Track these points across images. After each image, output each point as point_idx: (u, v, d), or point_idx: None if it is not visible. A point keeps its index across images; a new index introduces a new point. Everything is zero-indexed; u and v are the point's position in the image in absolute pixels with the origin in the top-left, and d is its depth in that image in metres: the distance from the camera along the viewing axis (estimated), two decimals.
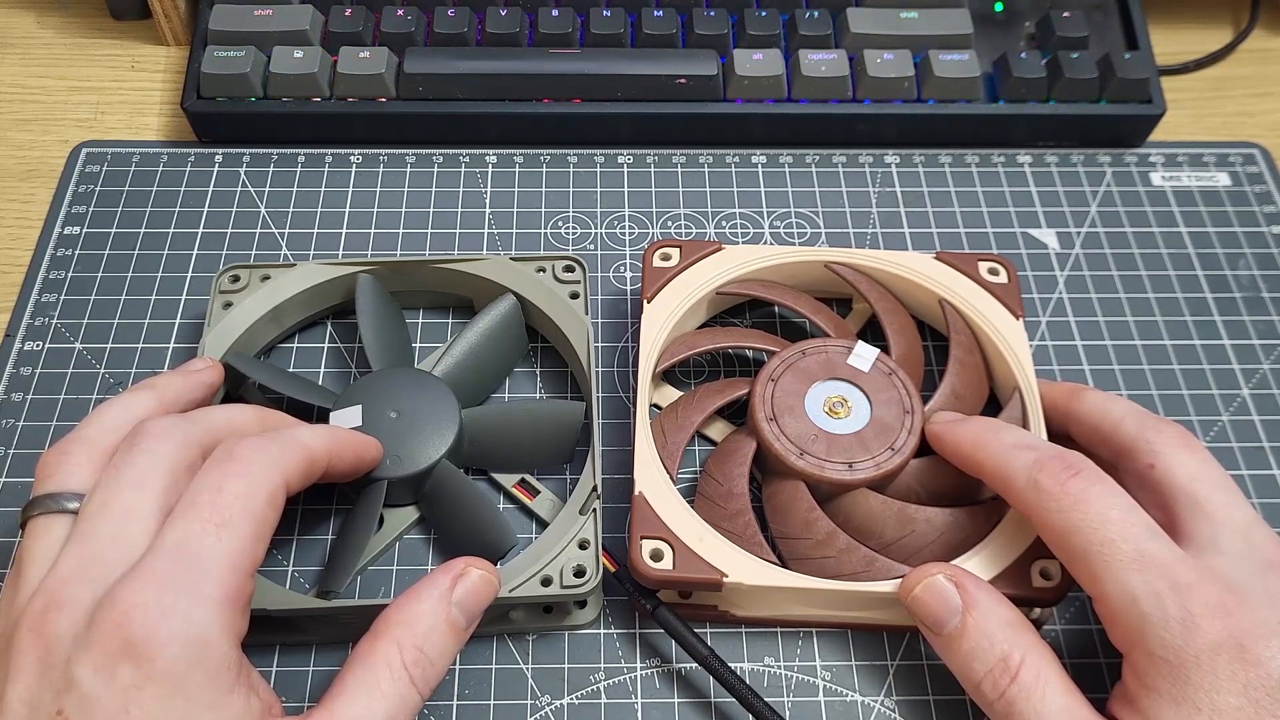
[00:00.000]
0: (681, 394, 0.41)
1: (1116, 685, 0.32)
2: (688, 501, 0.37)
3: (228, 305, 0.41)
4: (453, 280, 0.43)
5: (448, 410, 0.39)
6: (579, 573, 0.35)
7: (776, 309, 0.45)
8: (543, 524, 0.39)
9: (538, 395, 0.43)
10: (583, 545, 0.36)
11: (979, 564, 0.35)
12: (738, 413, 0.42)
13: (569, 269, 0.42)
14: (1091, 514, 0.31)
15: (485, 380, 0.42)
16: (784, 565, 0.36)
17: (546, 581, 0.35)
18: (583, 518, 0.36)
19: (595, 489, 0.37)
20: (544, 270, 0.42)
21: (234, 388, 0.40)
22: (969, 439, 0.36)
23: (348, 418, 0.38)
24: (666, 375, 0.43)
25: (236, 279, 0.42)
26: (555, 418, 0.40)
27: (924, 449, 0.38)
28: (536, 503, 0.40)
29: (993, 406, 0.41)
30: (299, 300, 0.42)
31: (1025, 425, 0.38)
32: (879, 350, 0.40)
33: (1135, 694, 0.30)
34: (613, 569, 0.36)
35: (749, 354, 0.44)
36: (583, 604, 0.38)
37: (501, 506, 0.40)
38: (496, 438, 0.40)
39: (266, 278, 0.42)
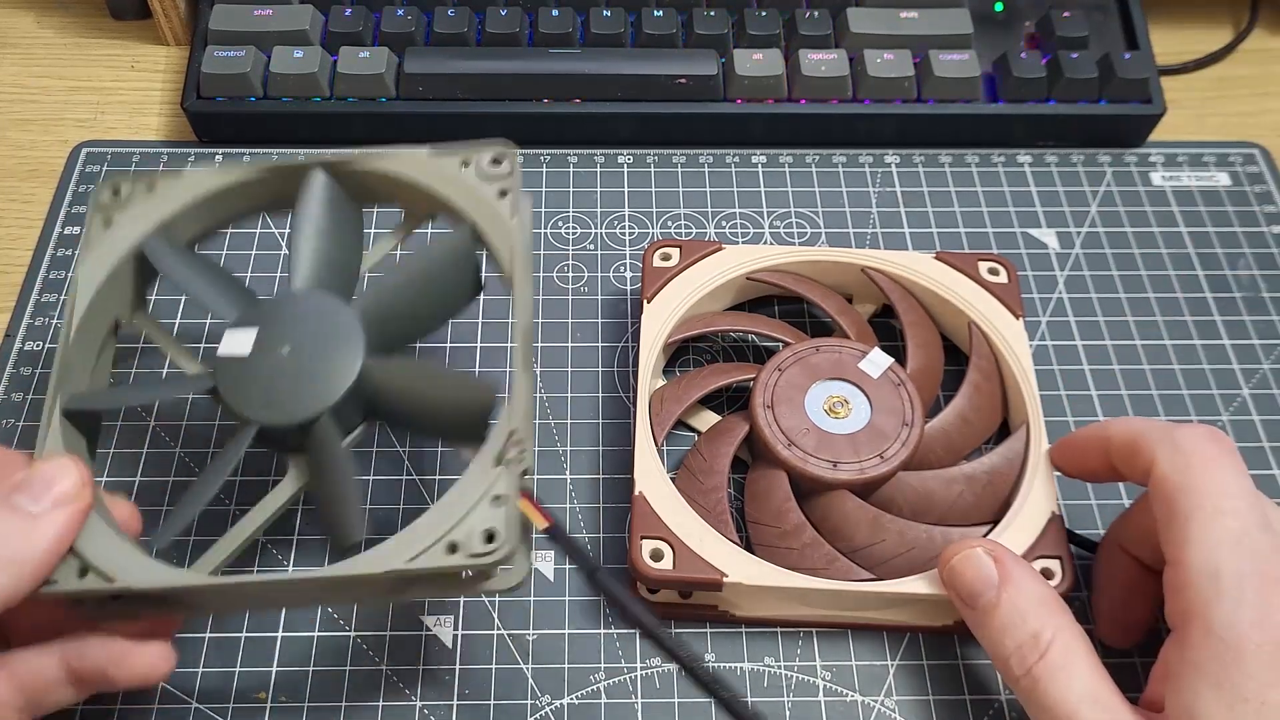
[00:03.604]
0: (689, 370, 0.41)
1: (1155, 666, 0.31)
2: (672, 477, 0.37)
3: (108, 223, 0.36)
4: (366, 182, 0.37)
5: (348, 358, 0.33)
6: (490, 537, 0.29)
7: (806, 306, 0.45)
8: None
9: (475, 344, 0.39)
10: (497, 502, 0.30)
11: None
12: (743, 407, 0.42)
13: (496, 161, 0.36)
14: (1215, 481, 0.31)
15: (419, 324, 0.36)
16: (748, 549, 0.36)
17: (453, 548, 0.30)
18: (497, 469, 0.30)
19: (513, 432, 0.31)
20: (467, 164, 0.36)
21: (136, 296, 0.37)
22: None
23: (239, 341, 0.33)
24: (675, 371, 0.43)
25: (117, 192, 0.36)
26: (460, 397, 0.33)
27: (914, 465, 0.38)
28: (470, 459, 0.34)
29: (1003, 435, 0.41)
30: (193, 213, 0.37)
31: (1026, 457, 0.38)
32: (893, 360, 0.40)
33: (1177, 670, 0.29)
34: (545, 524, 0.30)
35: (768, 346, 0.44)
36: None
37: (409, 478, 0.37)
38: (395, 402, 0.34)
39: (152, 187, 0.36)
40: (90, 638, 0.31)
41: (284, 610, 0.37)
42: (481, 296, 0.39)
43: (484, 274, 0.36)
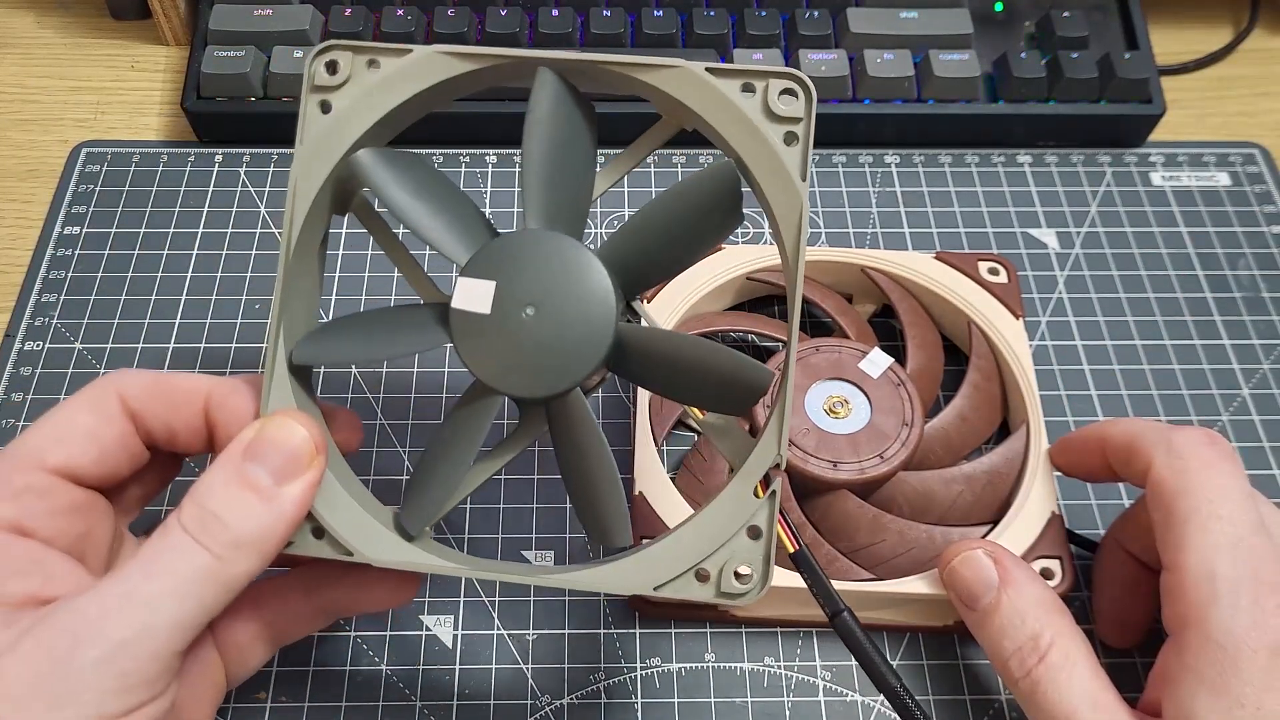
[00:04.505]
0: None
1: (1152, 671, 0.31)
2: (672, 477, 0.37)
3: (324, 107, 0.31)
4: (628, 87, 0.32)
5: (601, 325, 0.29)
6: (743, 574, 0.28)
7: (806, 306, 0.45)
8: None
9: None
10: (754, 534, 0.28)
11: None
12: None
13: (789, 92, 0.30)
14: (1213, 485, 0.31)
15: (668, 270, 0.31)
16: None
17: (702, 576, 0.28)
18: (759, 501, 0.28)
19: (780, 459, 0.28)
20: (751, 90, 0.30)
21: (344, 197, 0.32)
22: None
23: (477, 295, 0.29)
24: None
25: (333, 66, 0.31)
26: (731, 376, 0.29)
27: (914, 465, 0.38)
28: (709, 423, 0.31)
29: (1003, 435, 0.41)
30: (419, 101, 0.31)
31: (1026, 457, 0.38)
32: (893, 360, 0.40)
33: (1174, 675, 0.29)
34: (792, 548, 0.29)
35: (768, 346, 0.45)
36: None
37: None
38: (651, 372, 0.30)
39: (374, 64, 0.31)
40: (332, 570, 0.31)
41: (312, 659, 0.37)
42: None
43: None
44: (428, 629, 0.38)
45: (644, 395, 0.39)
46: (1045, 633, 0.31)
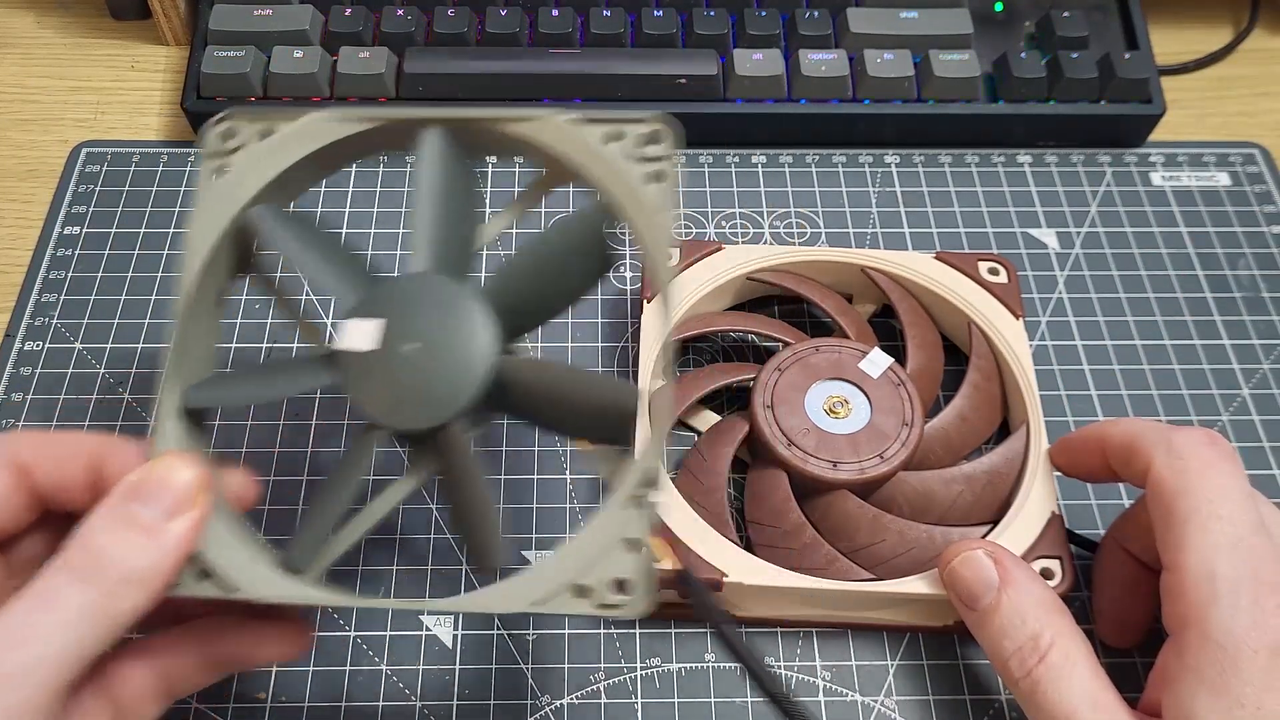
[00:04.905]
0: (689, 370, 0.41)
1: (1152, 671, 0.31)
2: (672, 477, 0.37)
3: (221, 172, 0.33)
4: (500, 145, 0.34)
5: (481, 357, 0.30)
6: (622, 585, 0.28)
7: (806, 306, 0.45)
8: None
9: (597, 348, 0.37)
10: (632, 547, 0.28)
11: None
12: (743, 407, 0.42)
13: (653, 139, 0.31)
14: (1212, 485, 0.31)
15: (546, 310, 0.33)
16: (748, 549, 0.36)
17: (581, 592, 0.28)
18: (632, 511, 0.28)
19: (648, 473, 0.29)
20: (619, 139, 0.32)
21: (242, 254, 0.34)
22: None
23: (363, 334, 0.31)
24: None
25: (230, 135, 0.33)
26: (607, 402, 0.31)
27: (914, 465, 0.38)
28: (591, 454, 0.32)
29: (1003, 435, 0.41)
30: (310, 163, 0.33)
31: (1026, 457, 0.38)
32: (893, 360, 0.40)
33: (1175, 675, 0.29)
34: (676, 563, 0.30)
35: (768, 346, 0.45)
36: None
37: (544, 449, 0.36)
38: (531, 403, 0.32)
39: (268, 132, 0.33)
40: (226, 622, 0.31)
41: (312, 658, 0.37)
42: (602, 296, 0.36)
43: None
44: (428, 629, 0.37)
45: (644, 396, 0.39)
46: (1045, 633, 0.31)
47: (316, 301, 0.43)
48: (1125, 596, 0.36)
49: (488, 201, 0.38)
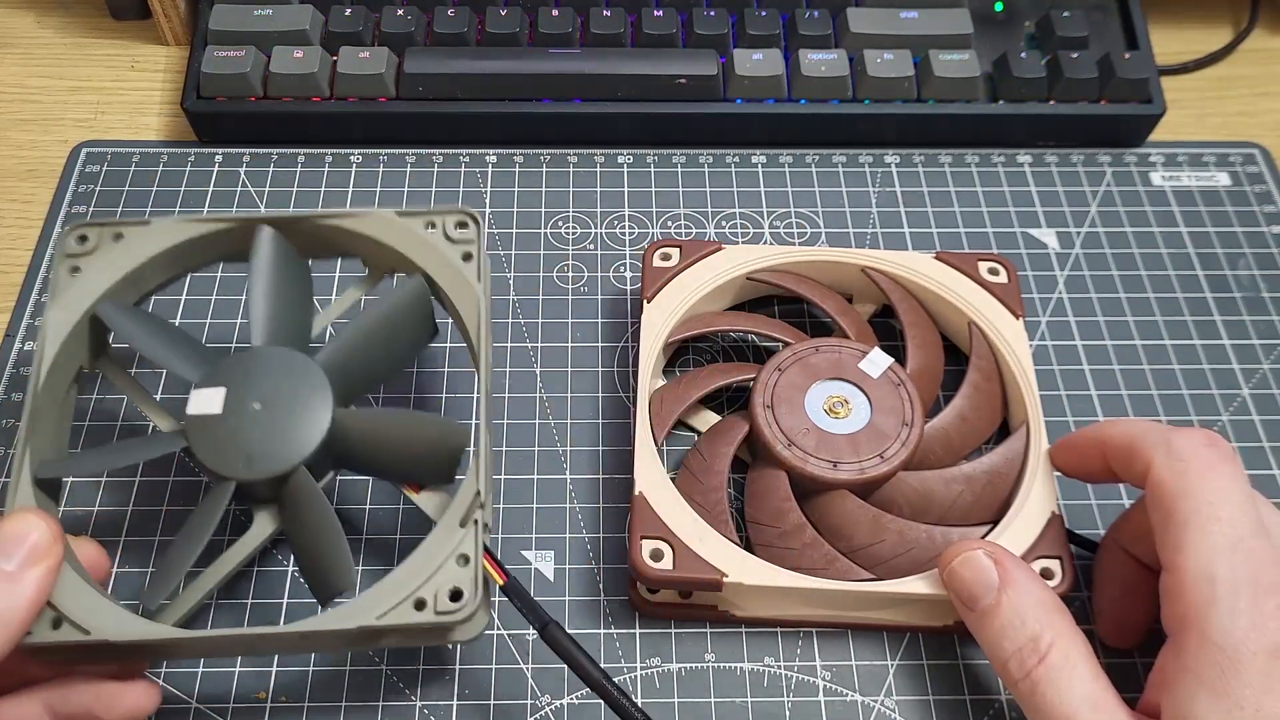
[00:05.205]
0: (689, 370, 0.41)
1: (1151, 672, 0.31)
2: (672, 477, 0.37)
3: (75, 270, 0.36)
4: (333, 238, 0.38)
5: (318, 410, 0.34)
6: (455, 595, 0.31)
7: (806, 306, 0.45)
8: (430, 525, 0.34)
9: (440, 392, 0.40)
10: (462, 561, 0.32)
11: None
12: (743, 407, 0.42)
13: (462, 225, 0.37)
14: (1212, 487, 0.31)
15: (378, 372, 0.37)
16: (748, 549, 0.36)
17: (420, 605, 0.31)
18: (463, 530, 0.32)
19: (478, 494, 0.32)
20: (433, 226, 0.37)
21: (100, 342, 0.37)
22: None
23: (208, 400, 0.34)
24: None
25: (84, 239, 0.37)
26: (436, 438, 0.35)
27: (914, 465, 0.38)
28: (424, 499, 0.35)
29: (1003, 435, 0.41)
30: (158, 263, 0.37)
31: (1026, 457, 0.38)
32: (893, 360, 0.40)
33: (1174, 676, 0.29)
34: (501, 581, 0.33)
35: (768, 346, 0.45)
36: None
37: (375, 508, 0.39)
38: (366, 449, 0.35)
39: (119, 236, 0.37)
40: (73, 683, 0.32)
41: (312, 658, 0.37)
42: (447, 348, 0.40)
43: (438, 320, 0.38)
44: None
45: (643, 396, 0.39)
46: (1045, 634, 0.31)
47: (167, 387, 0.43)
48: (1125, 597, 0.36)
49: (333, 295, 0.43)
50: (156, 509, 0.39)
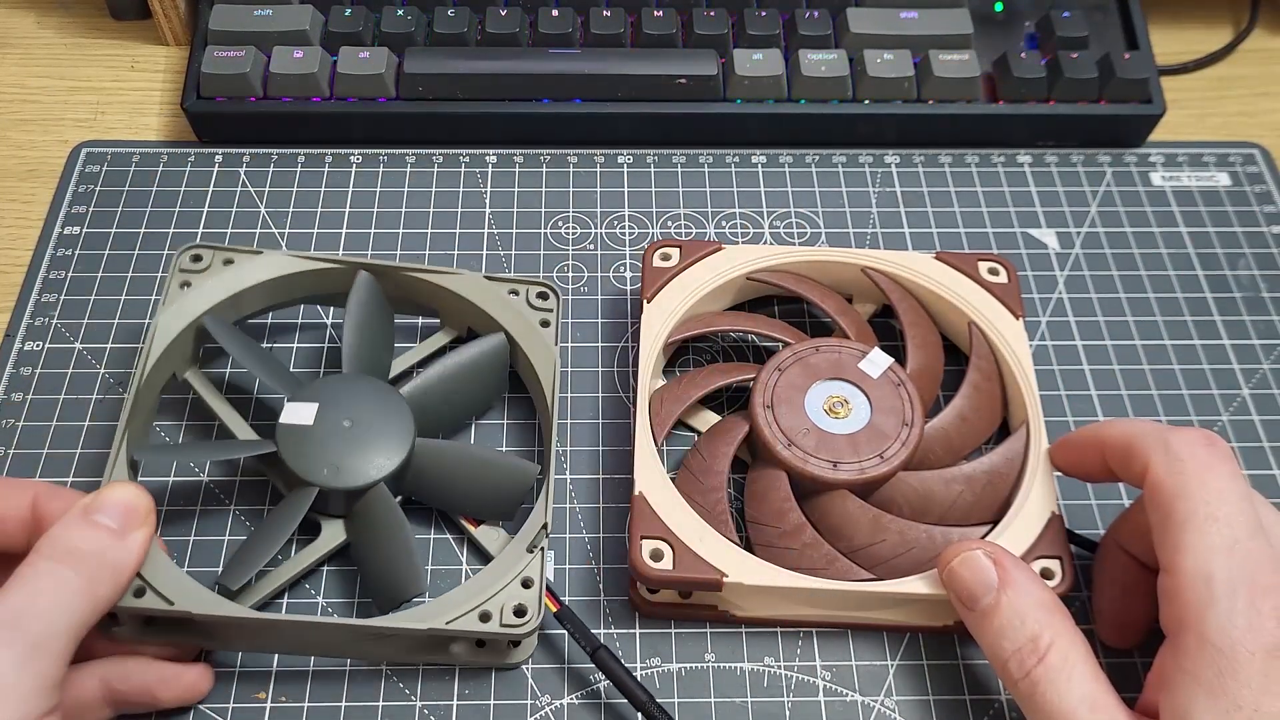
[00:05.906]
0: (689, 370, 0.41)
1: (1150, 672, 0.31)
2: (672, 477, 0.37)
3: (185, 285, 0.40)
4: (419, 289, 0.42)
5: (402, 434, 0.37)
6: (519, 611, 0.34)
7: (806, 306, 0.45)
8: (487, 557, 0.38)
9: (503, 429, 0.42)
10: (526, 584, 0.35)
11: None
12: (743, 407, 0.42)
13: (543, 295, 0.41)
14: (1210, 487, 0.31)
15: (454, 414, 0.41)
16: (748, 549, 0.36)
17: (485, 617, 0.34)
18: (529, 555, 0.35)
19: (545, 526, 0.36)
20: (516, 293, 0.41)
21: (194, 354, 0.41)
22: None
23: (301, 413, 0.37)
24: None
25: (198, 259, 0.41)
26: (506, 474, 0.38)
27: (914, 465, 0.38)
28: (481, 532, 0.39)
29: (1003, 435, 0.41)
30: (260, 290, 0.41)
31: (1026, 457, 0.38)
32: (893, 360, 0.40)
33: (1172, 676, 0.29)
34: (554, 609, 0.35)
35: (768, 346, 0.45)
36: (517, 642, 0.36)
37: (437, 537, 0.40)
38: (441, 478, 0.39)
39: (229, 262, 0.41)
40: (130, 660, 0.34)
41: (312, 658, 0.37)
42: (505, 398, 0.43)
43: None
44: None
45: (643, 396, 0.39)
46: (1044, 634, 0.31)
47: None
48: (1125, 597, 0.36)
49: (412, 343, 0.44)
50: (191, 509, 0.40)
